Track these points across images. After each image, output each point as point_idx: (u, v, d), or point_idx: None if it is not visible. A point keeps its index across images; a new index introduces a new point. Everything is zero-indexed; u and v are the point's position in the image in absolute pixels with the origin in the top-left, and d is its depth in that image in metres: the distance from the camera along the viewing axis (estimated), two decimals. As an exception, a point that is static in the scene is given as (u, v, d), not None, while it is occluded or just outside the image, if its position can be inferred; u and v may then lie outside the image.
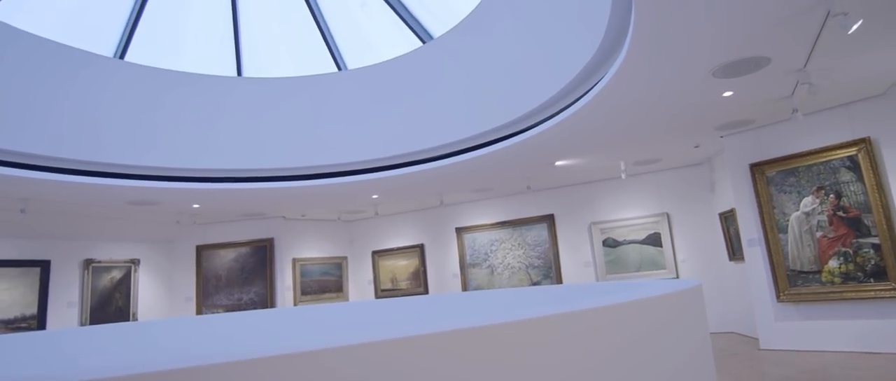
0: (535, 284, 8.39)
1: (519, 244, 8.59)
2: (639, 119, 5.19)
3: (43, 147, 5.71)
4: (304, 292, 9.32)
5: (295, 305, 9.14)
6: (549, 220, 8.39)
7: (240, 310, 8.74)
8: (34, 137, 5.70)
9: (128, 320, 8.13)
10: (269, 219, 8.98)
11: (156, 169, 6.50)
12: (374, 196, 7.97)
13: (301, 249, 9.46)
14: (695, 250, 7.44)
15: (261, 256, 8.89)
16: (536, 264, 8.43)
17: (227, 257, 8.88)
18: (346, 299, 9.84)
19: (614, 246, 7.83)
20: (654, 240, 7.60)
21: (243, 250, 8.89)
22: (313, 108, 7.01)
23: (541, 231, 8.45)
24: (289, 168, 7.03)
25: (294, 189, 7.13)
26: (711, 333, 7.17)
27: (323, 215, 9.43)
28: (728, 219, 6.64)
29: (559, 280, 8.19)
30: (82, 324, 7.61)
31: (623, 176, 6.89)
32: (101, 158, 6.09)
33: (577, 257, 8.16)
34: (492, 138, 6.16)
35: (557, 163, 6.69)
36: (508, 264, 8.63)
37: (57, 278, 7.37)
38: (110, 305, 8.00)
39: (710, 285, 7.28)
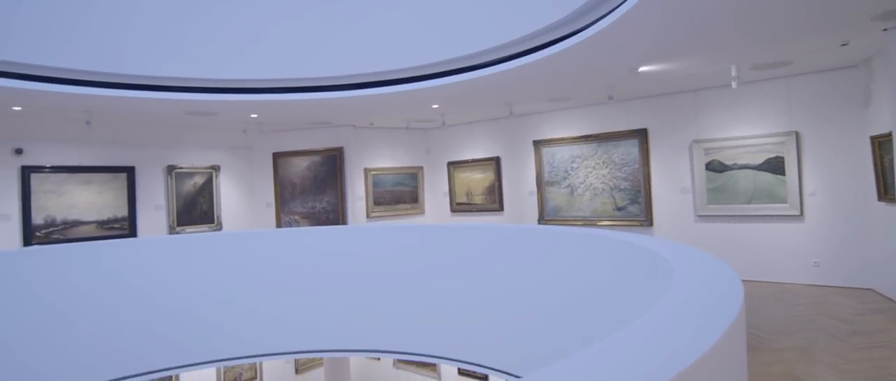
0: (619, 209, 7.18)
1: (603, 162, 7.30)
2: (745, 7, 3.62)
3: (100, 64, 5.62)
4: (376, 203, 9.04)
5: (367, 216, 8.93)
6: (642, 135, 6.93)
7: (314, 218, 8.74)
8: (91, 54, 5.61)
9: (212, 223, 8.50)
10: (338, 127, 8.58)
11: (205, 81, 6.23)
12: (434, 106, 7.10)
13: (373, 158, 9.05)
14: (830, 181, 5.66)
15: (331, 165, 8.64)
16: (623, 187, 7.15)
17: (300, 166, 8.77)
18: (422, 212, 9.43)
19: (721, 171, 6.27)
20: (775, 166, 5.91)
21: (315, 158, 8.70)
22: (352, 5, 6.13)
23: (630, 148, 7.05)
24: (335, 77, 6.37)
25: (342, 100, 6.51)
26: (843, 287, 5.59)
27: (391, 123, 8.81)
28: (883, 145, 4.81)
29: (648, 208, 6.89)
30: (171, 226, 8.07)
31: (733, 85, 5.22)
32: (151, 71, 5.90)
33: (672, 181, 6.73)
34: (548, 40, 4.88)
35: (641, 69, 5.22)
36: (590, 184, 7.45)
37: (142, 183, 7.76)
38: (195, 208, 8.36)
39: (848, 228, 5.57)
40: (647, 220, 6.89)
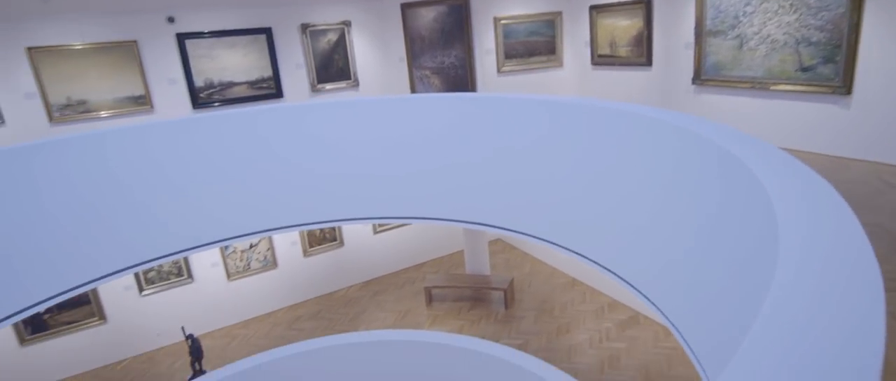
0: (805, 70, 5.22)
1: (791, 6, 5.19)
2: None
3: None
4: (508, 57, 8.02)
5: (498, 71, 8.04)
6: (858, -36, 4.63)
7: (443, 74, 8.15)
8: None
9: (349, 79, 8.43)
10: (463, -28, 7.42)
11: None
12: (561, -58, 5.53)
13: (503, 5, 7.81)
14: None
15: (458, 15, 7.69)
16: (815, 40, 5.09)
17: (427, 17, 7.98)
18: (560, 64, 8.17)
19: None
20: None
21: (441, 8, 7.80)
22: None
23: (836, -16, 4.82)
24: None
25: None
26: None
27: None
28: None
29: (849, 70, 4.85)
30: (312, 84, 8.19)
31: None
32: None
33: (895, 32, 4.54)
34: None
35: None
36: (768, 34, 5.46)
37: (281, 43, 7.82)
38: (332, 65, 8.32)
39: None
40: (843, 86, 4.92)
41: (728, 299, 2.38)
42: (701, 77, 6.23)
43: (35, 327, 7.38)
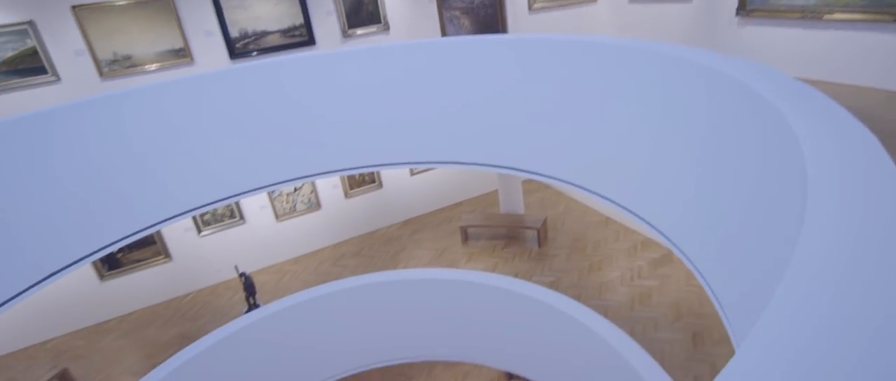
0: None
1: (853, -77, 4.60)
2: None
3: None
4: (540, -8, 7.58)
5: (530, 9, 7.64)
6: None
7: (473, 14, 7.84)
8: None
9: (380, 23, 8.24)
10: None
11: None
12: None
13: (535, -63, 7.29)
14: None
15: (488, -50, 7.26)
16: (877, -38, 4.53)
17: (456, -46, 7.58)
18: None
19: None
20: None
21: (470, -56, 7.37)
22: None
23: None
24: None
25: None
26: None
27: None
28: None
29: (913, -6, 4.33)
30: (343, 29, 8.07)
31: None
32: None
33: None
34: None
35: None
36: (824, -42, 4.90)
37: (310, -10, 7.67)
38: (362, 10, 8.12)
39: None
40: (906, 13, 4.43)
41: (748, 243, 2.31)
42: (746, 8, 5.73)
43: (111, 264, 8.03)
